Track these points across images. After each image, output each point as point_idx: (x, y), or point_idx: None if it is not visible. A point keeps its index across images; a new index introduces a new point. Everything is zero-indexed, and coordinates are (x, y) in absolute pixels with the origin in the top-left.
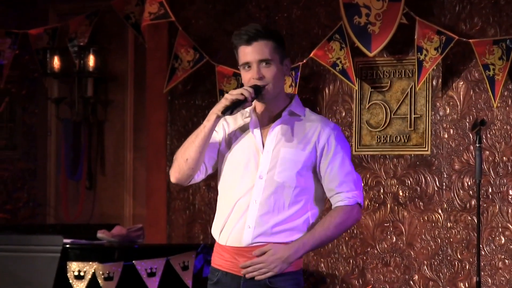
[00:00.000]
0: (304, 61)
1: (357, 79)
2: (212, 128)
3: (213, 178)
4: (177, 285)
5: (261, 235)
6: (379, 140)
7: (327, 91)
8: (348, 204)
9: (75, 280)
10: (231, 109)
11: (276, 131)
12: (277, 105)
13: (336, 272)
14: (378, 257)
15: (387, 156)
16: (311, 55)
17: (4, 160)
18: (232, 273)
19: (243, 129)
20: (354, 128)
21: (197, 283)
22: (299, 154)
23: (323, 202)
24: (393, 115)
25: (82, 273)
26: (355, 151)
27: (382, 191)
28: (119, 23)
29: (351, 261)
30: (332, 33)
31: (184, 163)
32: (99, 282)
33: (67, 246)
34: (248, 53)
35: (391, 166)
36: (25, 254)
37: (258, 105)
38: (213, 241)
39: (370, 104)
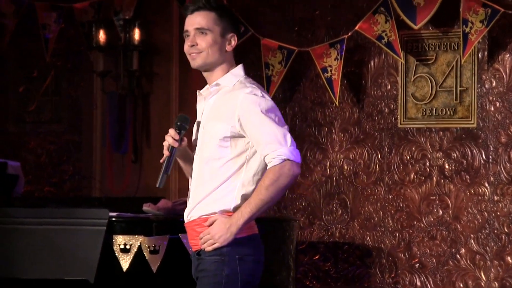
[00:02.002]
0: (349, 34)
1: (403, 52)
2: (183, 156)
3: None
4: None
5: (193, 210)
6: (424, 113)
7: (372, 64)
8: (275, 164)
9: (121, 253)
10: (168, 164)
11: (207, 106)
12: (216, 77)
13: (382, 246)
14: (424, 231)
15: (433, 129)
16: (356, 28)
17: (49, 133)
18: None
19: None
20: (399, 101)
21: None
22: (219, 126)
23: (257, 168)
24: (439, 88)
25: (128, 246)
26: (401, 124)
27: (428, 164)
28: None
29: (397, 234)
30: (377, 6)
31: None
32: (145, 255)
33: (113, 219)
34: (188, 22)
35: (437, 139)
36: (71, 227)
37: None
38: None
39: (415, 77)
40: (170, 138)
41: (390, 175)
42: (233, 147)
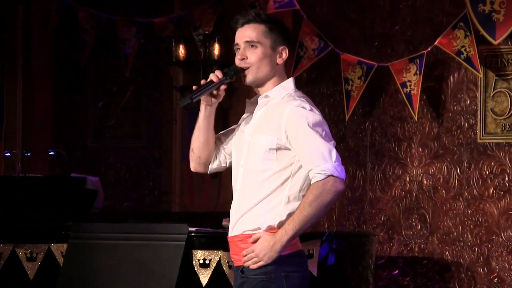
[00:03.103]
0: (429, 49)
1: (482, 67)
2: (205, 117)
3: None
4: None
5: (237, 224)
6: (504, 128)
7: (451, 79)
8: (318, 179)
9: (200, 268)
10: (198, 92)
11: (255, 118)
12: (266, 91)
13: (461, 260)
14: (503, 245)
15: None
16: (436, 43)
17: (129, 148)
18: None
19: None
20: (478, 116)
21: (322, 272)
22: (265, 137)
23: (303, 183)
24: None
25: (207, 261)
26: (480, 139)
27: (507, 179)
28: (243, 11)
29: (476, 249)
30: (456, 21)
31: (192, 152)
32: (224, 270)
33: (192, 234)
34: (238, 35)
35: None
36: (150, 242)
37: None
38: (338, 229)
39: (494, 92)
40: (214, 75)
41: (469, 190)
42: (279, 160)
